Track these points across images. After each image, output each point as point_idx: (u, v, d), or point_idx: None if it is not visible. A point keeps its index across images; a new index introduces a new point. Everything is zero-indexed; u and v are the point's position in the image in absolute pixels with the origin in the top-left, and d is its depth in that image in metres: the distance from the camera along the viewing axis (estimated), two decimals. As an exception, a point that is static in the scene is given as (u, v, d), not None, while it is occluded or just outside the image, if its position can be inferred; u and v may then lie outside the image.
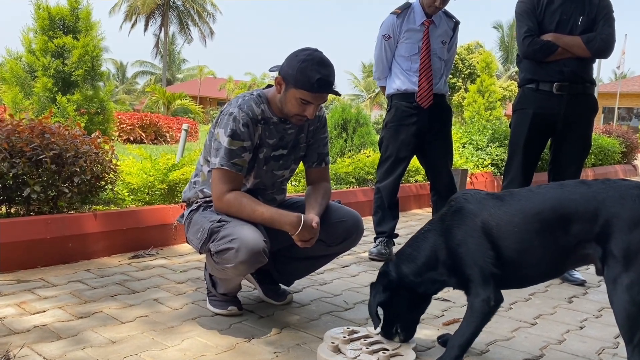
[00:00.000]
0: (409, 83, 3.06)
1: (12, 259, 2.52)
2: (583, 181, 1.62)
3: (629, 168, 9.66)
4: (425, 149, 3.17)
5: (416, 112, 3.06)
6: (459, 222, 1.66)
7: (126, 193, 3.35)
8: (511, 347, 1.95)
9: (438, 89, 3.09)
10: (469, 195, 1.70)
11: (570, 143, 2.89)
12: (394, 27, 3.06)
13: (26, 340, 1.79)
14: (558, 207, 1.57)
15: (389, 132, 3.15)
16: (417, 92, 3.04)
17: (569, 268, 1.75)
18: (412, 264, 1.73)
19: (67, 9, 7.14)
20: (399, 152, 3.12)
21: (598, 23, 2.76)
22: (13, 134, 2.69)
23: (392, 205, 3.19)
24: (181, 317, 2.07)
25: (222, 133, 1.92)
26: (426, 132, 3.10)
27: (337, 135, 6.31)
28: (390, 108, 3.18)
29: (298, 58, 1.86)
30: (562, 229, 1.55)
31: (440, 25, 3.08)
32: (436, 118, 3.11)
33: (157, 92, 22.87)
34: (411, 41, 3.05)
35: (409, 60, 3.07)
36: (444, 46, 3.10)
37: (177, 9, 39.27)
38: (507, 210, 1.62)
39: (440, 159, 3.19)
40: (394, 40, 3.08)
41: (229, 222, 1.87)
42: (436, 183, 3.23)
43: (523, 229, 1.59)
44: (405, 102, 3.08)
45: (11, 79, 6.97)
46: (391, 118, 3.14)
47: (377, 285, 1.77)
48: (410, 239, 1.79)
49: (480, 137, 6.37)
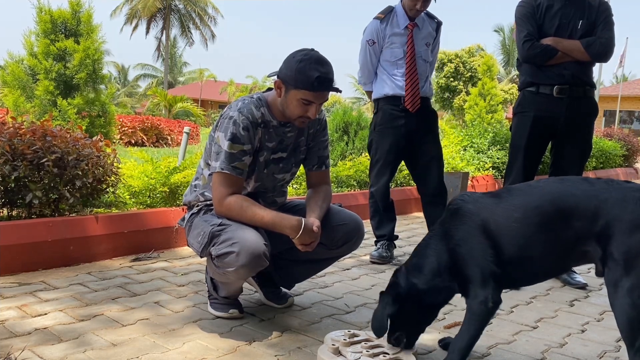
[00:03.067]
0: (396, 88, 3.07)
1: (14, 262, 2.52)
2: (586, 178, 1.61)
3: (630, 171, 9.66)
4: (415, 152, 3.15)
5: (404, 115, 3.07)
6: (457, 222, 1.65)
7: (127, 196, 3.36)
8: (512, 350, 1.95)
9: (424, 92, 3.10)
10: (466, 196, 1.70)
11: (571, 146, 2.89)
12: (378, 32, 3.07)
13: (27, 342, 1.79)
14: (558, 201, 1.56)
15: (377, 135, 3.15)
16: (404, 96, 3.05)
17: (572, 264, 1.72)
18: (420, 273, 1.70)
19: (69, 12, 7.17)
20: (388, 155, 3.12)
21: (597, 27, 2.76)
22: (15, 136, 2.70)
23: (387, 207, 3.20)
24: (182, 320, 2.07)
25: (222, 137, 1.93)
26: (414, 135, 3.10)
27: (339, 138, 6.32)
28: (377, 111, 3.18)
29: (295, 59, 1.86)
30: (562, 223, 1.54)
31: (423, 27, 3.09)
32: (423, 121, 3.11)
33: (158, 95, 22.92)
34: (396, 45, 3.06)
35: (394, 64, 3.08)
36: (428, 48, 3.11)
37: (179, 12, 39.37)
38: (506, 206, 1.61)
39: (431, 161, 3.15)
40: (378, 45, 3.09)
41: (230, 226, 1.87)
42: (425, 186, 3.18)
43: (524, 223, 1.58)
44: (392, 105, 3.09)
45: (13, 82, 6.99)
46: (379, 121, 3.14)
47: (387, 296, 1.73)
48: (415, 249, 1.77)
49: (482, 140, 6.37)
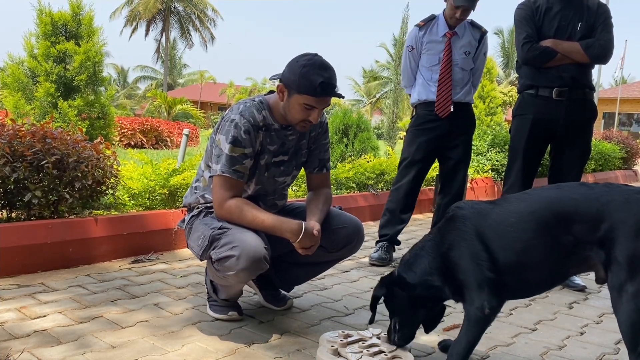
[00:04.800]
0: (428, 93, 3.15)
1: (13, 264, 2.52)
2: (584, 183, 1.60)
3: (630, 174, 9.66)
4: (443, 156, 3.25)
5: (436, 118, 3.14)
6: (451, 228, 1.65)
7: (127, 198, 3.36)
8: (511, 353, 1.95)
9: (459, 98, 3.14)
10: (462, 203, 1.70)
11: (570, 148, 2.89)
12: (417, 39, 3.17)
13: (26, 345, 1.79)
14: (556, 205, 1.55)
15: (409, 135, 3.26)
16: (435, 101, 3.12)
17: (571, 272, 1.70)
18: (413, 274, 1.70)
19: (70, 14, 7.17)
20: (414, 155, 3.18)
21: (596, 29, 2.77)
22: (15, 138, 2.70)
23: (402, 209, 3.22)
24: (182, 322, 2.07)
25: (223, 140, 1.93)
26: (445, 140, 3.17)
27: (338, 141, 6.33)
28: (413, 116, 3.28)
29: (299, 64, 1.86)
30: (560, 228, 1.52)
31: (464, 36, 3.14)
32: (456, 126, 3.17)
33: (158, 97, 22.94)
34: (432, 52, 3.14)
35: (429, 70, 3.16)
36: (467, 57, 3.15)
37: (178, 14, 39.40)
38: (500, 211, 1.61)
39: (455, 166, 3.24)
40: (417, 51, 3.19)
41: (230, 229, 1.88)
42: (446, 189, 3.28)
43: (519, 228, 1.56)
44: (427, 110, 3.17)
45: (13, 83, 7.00)
46: (412, 123, 3.25)
47: (377, 288, 1.77)
48: (412, 252, 1.77)
49: (481, 142, 6.38)
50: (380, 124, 25.31)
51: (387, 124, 15.61)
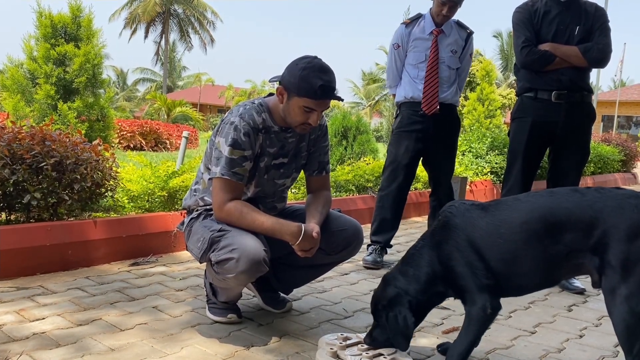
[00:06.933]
0: (414, 90, 3.11)
1: (12, 266, 2.52)
2: (575, 189, 1.60)
3: (629, 176, 9.67)
4: (428, 157, 3.21)
5: (421, 120, 3.10)
6: (446, 236, 1.66)
7: (126, 200, 3.36)
8: (511, 355, 1.95)
9: (445, 97, 3.11)
10: (454, 208, 1.69)
11: (569, 151, 2.90)
12: (403, 36, 3.14)
13: (25, 347, 1.79)
14: (548, 216, 1.55)
15: (394, 138, 3.21)
16: (422, 99, 3.08)
17: (564, 277, 1.73)
18: (417, 283, 1.70)
19: (69, 16, 7.17)
20: (401, 159, 3.14)
21: (594, 33, 2.78)
22: (14, 141, 2.70)
23: (393, 215, 3.19)
24: (181, 325, 2.07)
25: (223, 142, 1.93)
26: (430, 140, 3.13)
27: (338, 143, 6.33)
28: (397, 115, 3.23)
29: (299, 66, 1.87)
30: (551, 238, 1.53)
31: (451, 34, 3.12)
32: (442, 127, 3.14)
33: (158, 100, 22.94)
34: (419, 49, 3.10)
35: (416, 68, 3.12)
36: (454, 55, 3.13)
37: (178, 16, 39.42)
38: (490, 221, 1.61)
39: (441, 169, 3.23)
40: (403, 49, 3.15)
41: (230, 232, 1.88)
42: (437, 191, 3.29)
43: (509, 240, 1.57)
44: (411, 110, 3.13)
45: (12, 86, 6.99)
46: (397, 125, 3.20)
47: (399, 308, 1.69)
48: (408, 257, 1.76)
49: (480, 145, 6.38)
50: (380, 126, 25.34)
51: (386, 126, 15.65)
